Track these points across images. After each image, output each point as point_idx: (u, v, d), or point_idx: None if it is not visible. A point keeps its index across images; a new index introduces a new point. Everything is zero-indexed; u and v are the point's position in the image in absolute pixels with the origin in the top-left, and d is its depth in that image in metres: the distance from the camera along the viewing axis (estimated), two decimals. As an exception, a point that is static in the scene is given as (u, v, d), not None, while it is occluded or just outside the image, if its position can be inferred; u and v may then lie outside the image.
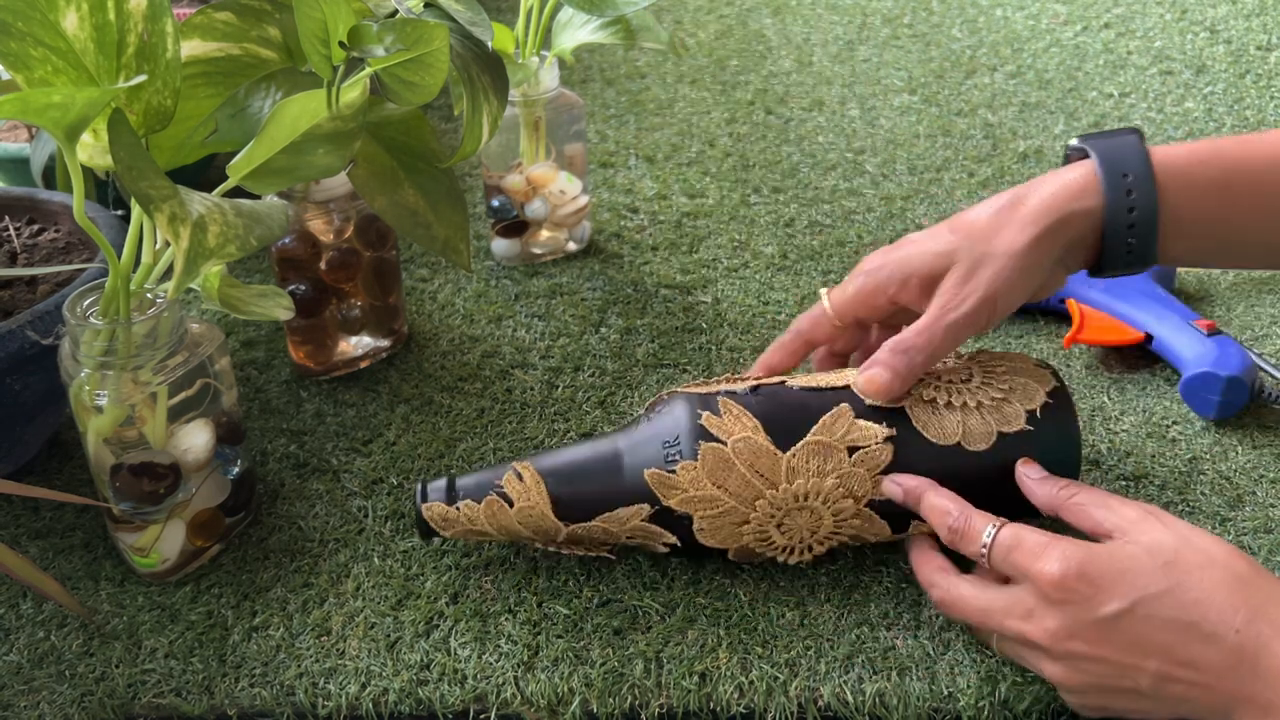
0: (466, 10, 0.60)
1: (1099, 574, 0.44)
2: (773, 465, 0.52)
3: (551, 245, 0.84)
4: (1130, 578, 0.44)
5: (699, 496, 0.52)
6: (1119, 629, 0.43)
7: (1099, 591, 0.44)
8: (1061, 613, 0.44)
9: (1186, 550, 0.44)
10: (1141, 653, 0.43)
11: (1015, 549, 0.47)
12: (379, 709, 0.50)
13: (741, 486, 0.52)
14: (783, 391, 0.55)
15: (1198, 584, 0.43)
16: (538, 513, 0.53)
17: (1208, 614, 0.42)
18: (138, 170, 0.44)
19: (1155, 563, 0.44)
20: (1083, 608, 0.44)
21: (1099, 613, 0.43)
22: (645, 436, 0.54)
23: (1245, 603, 0.42)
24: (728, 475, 0.52)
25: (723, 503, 0.52)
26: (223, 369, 0.55)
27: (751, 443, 0.52)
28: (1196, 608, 0.43)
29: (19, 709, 0.50)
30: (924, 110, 1.09)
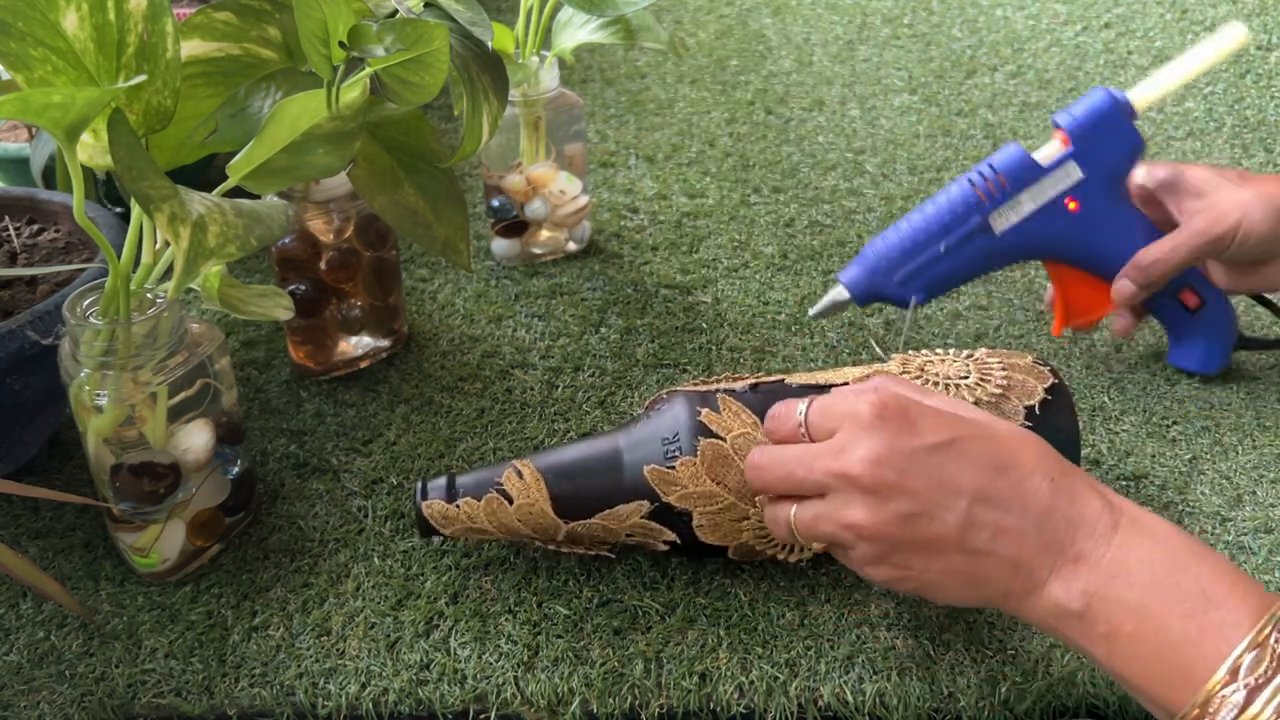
0: (466, 10, 0.60)
1: (920, 411, 0.44)
2: None
3: (551, 245, 0.84)
4: (950, 419, 0.44)
5: (698, 493, 0.52)
6: (933, 461, 0.43)
7: (918, 425, 0.43)
8: (877, 439, 0.43)
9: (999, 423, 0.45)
10: (954, 490, 0.42)
11: (831, 401, 0.46)
12: (379, 709, 0.50)
13: (741, 482, 0.52)
14: (781, 389, 0.55)
15: (1011, 438, 0.44)
16: (537, 510, 0.53)
17: (1024, 461, 0.43)
18: (138, 170, 0.44)
19: (974, 415, 0.45)
20: (900, 436, 0.43)
21: (915, 443, 0.43)
22: (645, 434, 0.54)
23: (1057, 463, 0.43)
24: (727, 471, 0.52)
25: (722, 499, 0.52)
26: (223, 369, 0.55)
27: (751, 439, 0.52)
28: (1013, 455, 0.43)
29: (19, 709, 0.50)
30: (924, 110, 1.09)
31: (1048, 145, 0.64)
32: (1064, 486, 0.42)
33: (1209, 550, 0.41)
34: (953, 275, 0.65)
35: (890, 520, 0.43)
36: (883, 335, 0.75)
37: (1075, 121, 0.63)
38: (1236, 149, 0.98)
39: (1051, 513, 0.42)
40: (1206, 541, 0.57)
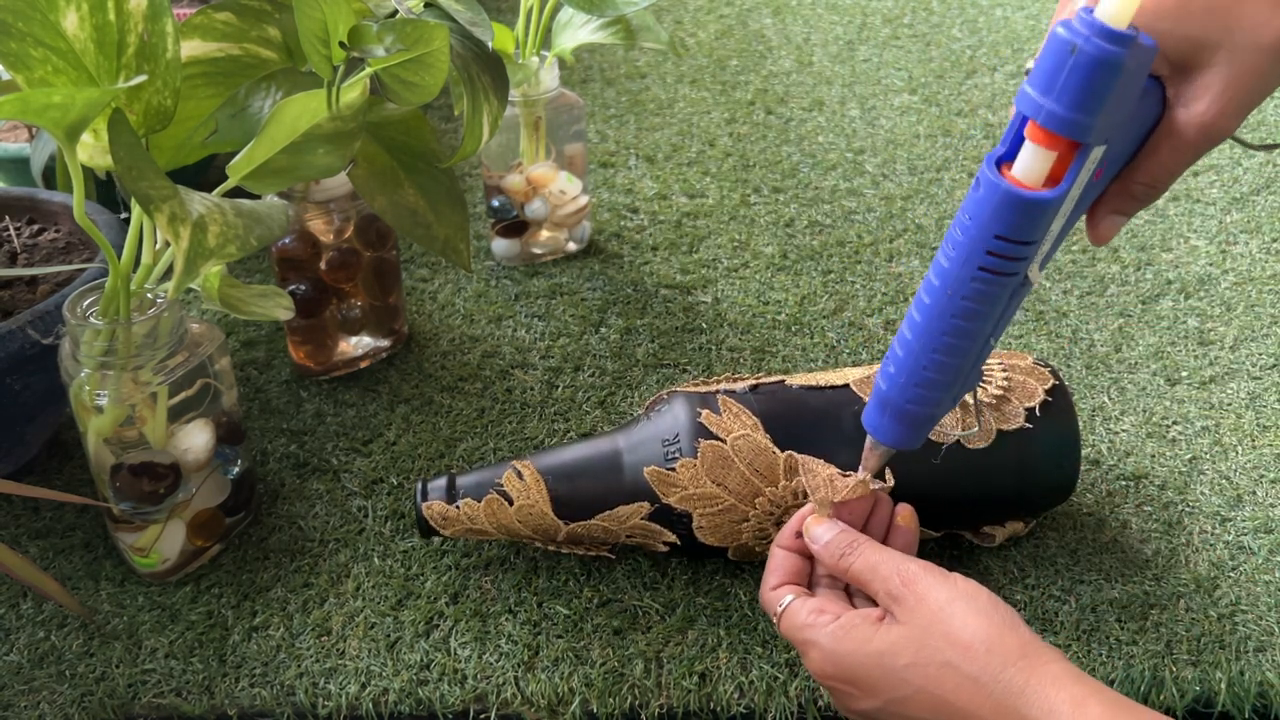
0: (466, 10, 0.60)
1: (850, 675, 0.44)
2: (771, 464, 0.52)
3: (551, 245, 0.84)
4: (876, 681, 0.44)
5: (699, 494, 0.52)
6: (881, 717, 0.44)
7: (854, 689, 0.44)
8: (832, 693, 0.46)
9: (929, 646, 0.43)
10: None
11: (791, 635, 0.47)
12: (379, 709, 0.50)
13: (741, 484, 0.52)
14: (781, 390, 0.55)
15: (936, 686, 0.42)
16: (537, 511, 0.53)
17: (952, 715, 0.42)
18: (138, 170, 0.44)
19: (897, 664, 0.43)
20: (844, 696, 0.45)
21: (859, 706, 0.44)
22: (645, 435, 0.54)
23: (985, 703, 0.41)
24: (727, 473, 0.52)
25: (722, 500, 0.52)
26: (223, 369, 0.55)
27: (751, 440, 0.52)
28: (941, 710, 0.42)
29: (19, 709, 0.50)
30: (924, 110, 1.09)
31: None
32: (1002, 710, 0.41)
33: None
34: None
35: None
36: (883, 334, 0.75)
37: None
38: (1236, 148, 0.98)
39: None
40: (1206, 542, 0.57)
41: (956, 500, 0.54)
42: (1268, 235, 0.85)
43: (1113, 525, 0.59)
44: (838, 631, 0.45)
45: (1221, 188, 0.92)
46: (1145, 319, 0.76)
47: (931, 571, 0.45)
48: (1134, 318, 0.76)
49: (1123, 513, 0.60)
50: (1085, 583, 0.55)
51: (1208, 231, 0.86)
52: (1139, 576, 0.56)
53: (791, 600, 0.47)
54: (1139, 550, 0.57)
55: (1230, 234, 0.86)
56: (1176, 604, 0.54)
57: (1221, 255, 0.83)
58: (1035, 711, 0.40)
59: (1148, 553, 0.57)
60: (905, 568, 0.45)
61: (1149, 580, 0.55)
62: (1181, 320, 0.75)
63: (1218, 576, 0.55)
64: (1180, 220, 0.87)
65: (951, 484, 0.53)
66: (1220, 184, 0.93)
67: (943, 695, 0.42)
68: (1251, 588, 0.55)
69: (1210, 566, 0.56)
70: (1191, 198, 0.91)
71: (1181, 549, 0.57)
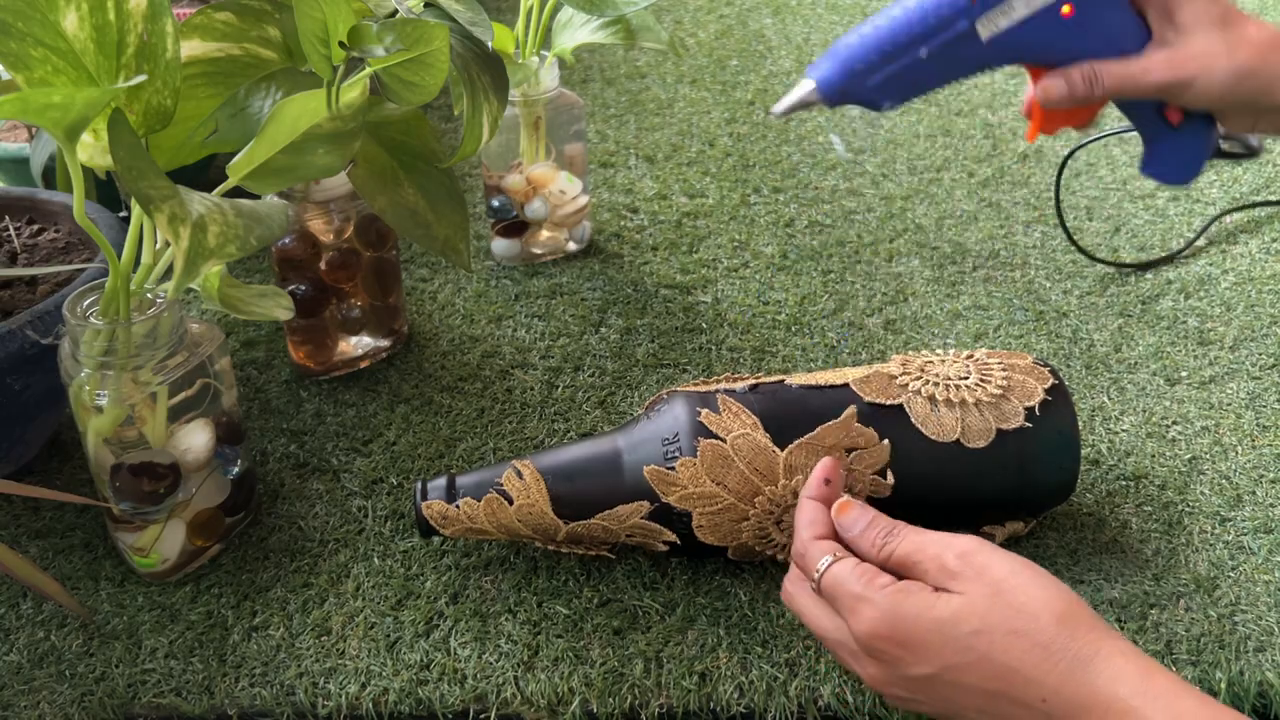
0: (466, 10, 0.60)
1: (906, 638, 0.43)
2: (771, 462, 0.52)
3: (551, 245, 0.84)
4: (935, 647, 0.43)
5: (698, 493, 0.52)
6: (931, 687, 0.43)
7: (907, 654, 0.43)
8: (877, 665, 0.44)
9: (995, 613, 0.43)
10: (957, 707, 0.43)
11: (836, 593, 0.46)
12: (379, 709, 0.50)
13: (740, 483, 0.52)
14: (781, 389, 0.55)
15: (1003, 654, 0.42)
16: (537, 510, 0.53)
17: (1014, 683, 0.42)
18: (138, 170, 0.44)
19: (961, 631, 0.43)
20: (894, 666, 0.44)
21: (909, 672, 0.43)
22: (645, 434, 0.54)
23: (1052, 670, 0.42)
24: (727, 472, 0.52)
25: (722, 499, 0.52)
26: (223, 369, 0.55)
27: (750, 439, 0.52)
28: (1003, 678, 0.42)
29: (19, 709, 0.50)
30: (924, 110, 1.09)
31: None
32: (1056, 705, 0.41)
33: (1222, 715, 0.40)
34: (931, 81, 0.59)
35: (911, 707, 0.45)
36: (883, 334, 0.75)
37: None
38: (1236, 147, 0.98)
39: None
40: (1206, 542, 0.57)
41: (956, 500, 0.54)
42: (1268, 235, 0.85)
43: (1113, 525, 0.59)
44: (898, 595, 0.44)
45: (1221, 188, 0.92)
46: (1145, 319, 0.76)
47: (985, 545, 0.45)
48: (1134, 318, 0.76)
49: (1123, 513, 0.60)
50: (1085, 583, 0.55)
51: (1208, 231, 0.86)
52: (1139, 576, 0.56)
53: (833, 561, 0.46)
54: (1139, 550, 0.57)
55: (1230, 234, 0.86)
56: (1176, 604, 0.54)
57: (1221, 255, 0.83)
58: (1103, 680, 0.40)
59: (1148, 553, 0.57)
60: (956, 543, 0.45)
61: (1149, 580, 0.55)
62: (1181, 320, 0.75)
63: (1218, 576, 0.55)
64: (1180, 220, 0.87)
65: (951, 484, 0.53)
66: (1220, 184, 0.93)
67: (1007, 662, 0.42)
68: (1251, 588, 0.55)
69: (1210, 566, 0.56)
70: (1192, 198, 0.91)
71: (1181, 549, 0.57)
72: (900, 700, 0.45)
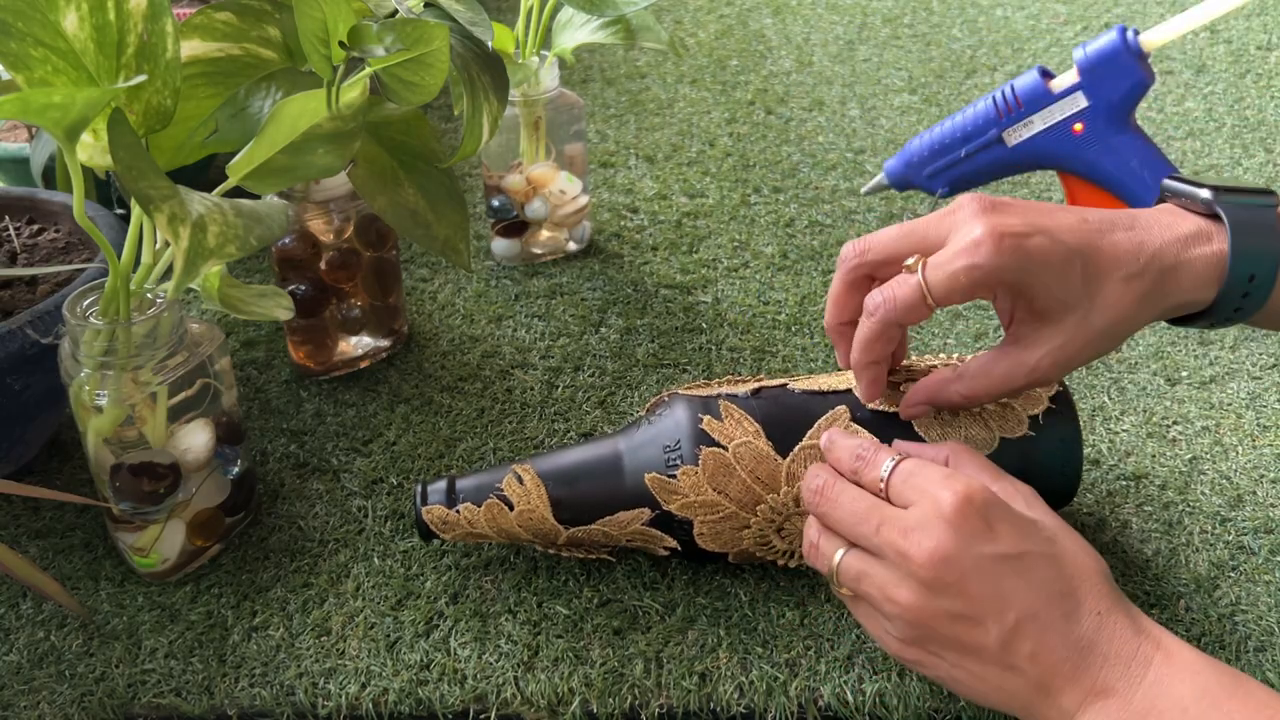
0: (466, 10, 0.60)
1: (1000, 516, 0.44)
2: (773, 471, 0.52)
3: (551, 245, 0.84)
4: (1026, 530, 0.44)
5: (700, 502, 0.52)
6: (997, 571, 0.42)
7: (994, 529, 0.43)
8: (950, 535, 0.43)
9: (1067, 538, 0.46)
10: (1007, 603, 0.42)
11: (920, 472, 0.46)
12: (379, 709, 0.50)
13: (742, 492, 0.52)
14: (784, 395, 0.55)
15: (1074, 564, 0.44)
16: (538, 516, 0.53)
17: (1079, 590, 0.43)
18: (138, 170, 0.44)
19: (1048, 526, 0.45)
20: (971, 539, 0.43)
21: (985, 549, 0.43)
22: (646, 439, 0.54)
23: (1109, 593, 0.44)
24: (728, 481, 0.52)
25: (723, 508, 0.52)
26: (223, 369, 0.55)
27: (752, 448, 0.52)
28: (1071, 583, 0.43)
29: (19, 709, 0.50)
30: (924, 110, 1.09)
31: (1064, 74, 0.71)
32: (1108, 621, 0.42)
33: (1245, 685, 0.40)
34: (971, 177, 0.74)
35: (937, 613, 0.43)
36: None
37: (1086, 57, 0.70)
38: (1236, 149, 0.98)
39: (1093, 646, 0.42)
40: (1206, 542, 0.57)
41: None
42: (1268, 235, 0.85)
43: (1113, 525, 0.59)
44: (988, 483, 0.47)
45: (1221, 188, 0.92)
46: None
47: None
48: (1134, 318, 0.76)
49: (1123, 513, 0.60)
50: (1085, 583, 0.55)
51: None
52: (1139, 576, 0.56)
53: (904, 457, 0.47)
54: (1139, 550, 0.57)
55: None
56: (1176, 604, 0.54)
57: (1221, 255, 0.83)
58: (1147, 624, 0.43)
59: (1148, 553, 0.57)
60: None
61: (1149, 580, 0.55)
62: (1181, 320, 0.75)
63: (1218, 576, 0.55)
64: (1180, 220, 0.87)
65: None
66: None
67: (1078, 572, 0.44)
68: (1251, 588, 0.55)
69: (1210, 566, 0.56)
70: (1191, 198, 0.91)
71: (1181, 549, 0.57)
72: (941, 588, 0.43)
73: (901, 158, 0.78)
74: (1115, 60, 0.69)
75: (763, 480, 0.52)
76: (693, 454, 0.52)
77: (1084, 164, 0.73)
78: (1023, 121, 0.72)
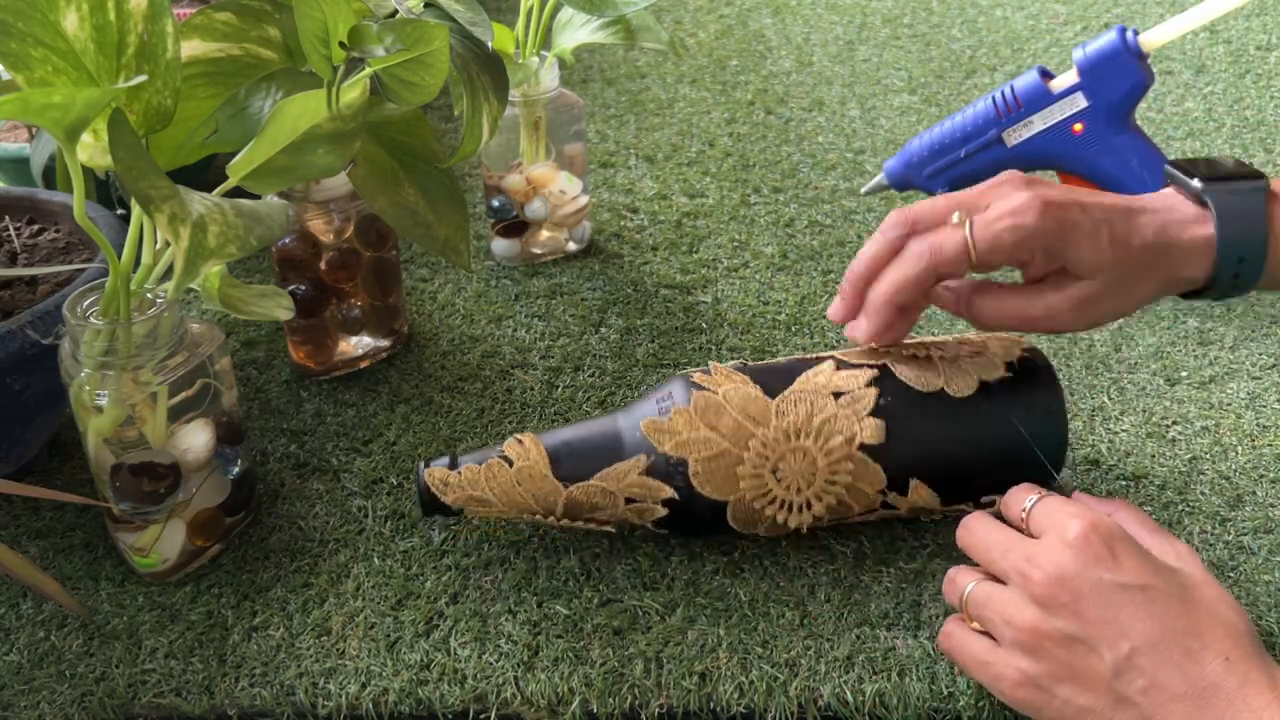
0: (466, 10, 0.60)
1: (1128, 550, 0.44)
2: (763, 409, 0.54)
3: (551, 245, 0.84)
4: (1155, 568, 0.44)
5: (692, 439, 0.53)
6: (1115, 600, 0.42)
7: (1119, 559, 0.43)
8: (1070, 559, 0.43)
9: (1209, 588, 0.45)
10: (1123, 632, 0.42)
11: (1056, 506, 0.47)
12: (379, 709, 0.50)
13: (733, 427, 0.53)
14: (769, 362, 0.58)
15: (1207, 609, 0.43)
16: (537, 473, 0.54)
17: (1206, 632, 0.42)
18: (138, 170, 0.44)
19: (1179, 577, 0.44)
20: (1091, 564, 0.43)
21: (1106, 575, 0.43)
22: (640, 401, 0.57)
23: (1247, 645, 0.42)
24: (719, 418, 0.53)
25: (716, 443, 0.53)
26: (223, 369, 0.55)
27: (741, 390, 0.54)
28: (1199, 623, 0.42)
29: (19, 709, 0.50)
30: (924, 110, 1.09)
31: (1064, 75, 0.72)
32: (1238, 668, 0.41)
33: None
34: (971, 177, 0.74)
35: (1050, 634, 0.43)
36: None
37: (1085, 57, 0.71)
38: (1236, 149, 0.98)
39: (1216, 690, 0.40)
40: (1206, 542, 0.57)
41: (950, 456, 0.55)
42: (1268, 235, 0.85)
43: (1113, 525, 0.59)
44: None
45: (1221, 188, 0.92)
46: (1145, 319, 0.76)
47: None
48: (1134, 317, 0.76)
49: (1123, 513, 0.60)
50: (1085, 583, 0.55)
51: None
52: (1139, 576, 0.56)
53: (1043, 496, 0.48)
54: (1139, 550, 0.57)
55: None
56: (1176, 604, 0.54)
57: (1221, 255, 0.83)
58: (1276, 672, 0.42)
59: (1148, 553, 0.57)
60: None
61: (1149, 580, 0.55)
62: (1181, 320, 0.75)
63: (1218, 576, 0.55)
64: (1180, 220, 0.87)
65: (941, 436, 0.54)
66: (1220, 184, 0.93)
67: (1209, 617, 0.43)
68: (1251, 588, 0.55)
69: (1210, 566, 0.56)
70: (1191, 198, 0.91)
71: (1181, 549, 0.57)
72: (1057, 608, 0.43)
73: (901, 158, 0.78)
74: (1115, 60, 0.70)
75: (752, 417, 0.53)
76: (685, 398, 0.54)
77: (1084, 164, 0.73)
78: (1022, 122, 0.73)
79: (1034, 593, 0.44)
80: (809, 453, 0.53)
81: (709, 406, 0.54)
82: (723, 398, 0.54)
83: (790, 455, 0.53)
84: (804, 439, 0.53)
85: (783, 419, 0.53)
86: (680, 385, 0.56)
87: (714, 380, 0.55)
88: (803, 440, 0.53)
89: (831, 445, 0.53)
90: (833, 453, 0.53)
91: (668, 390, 0.56)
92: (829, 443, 0.53)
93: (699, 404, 0.54)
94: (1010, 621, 0.44)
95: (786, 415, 0.53)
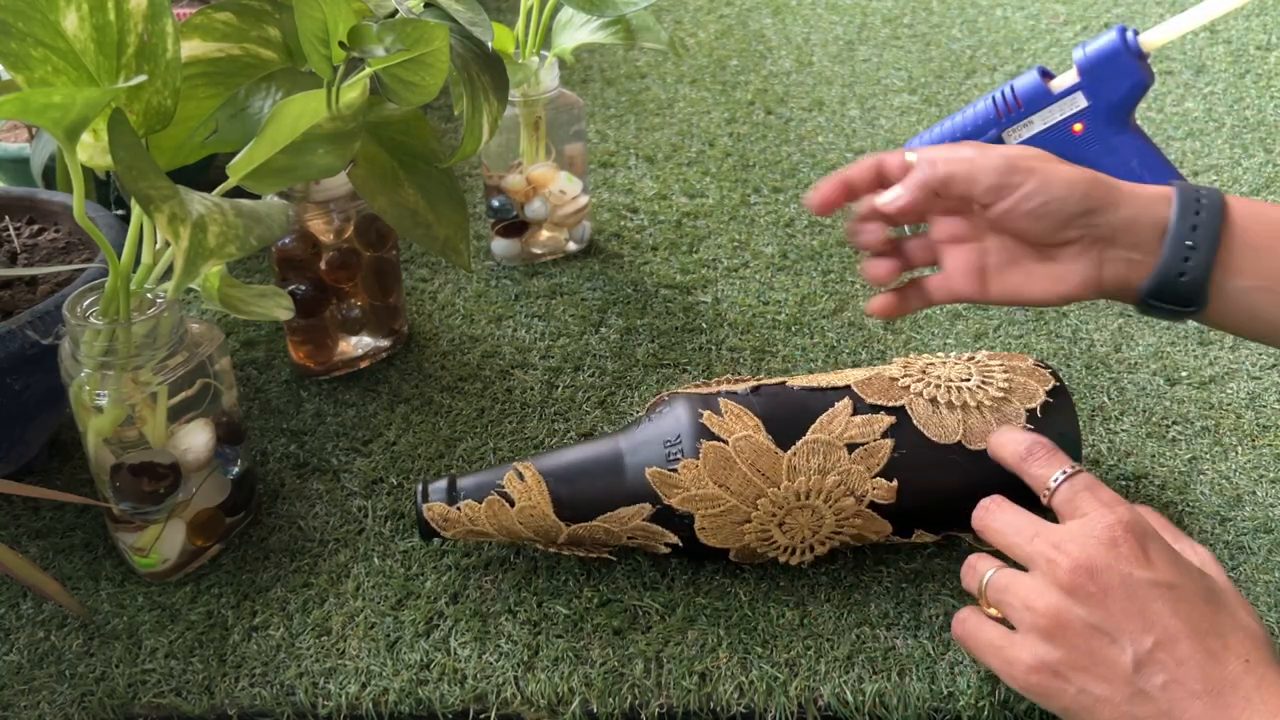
0: (466, 10, 0.60)
1: (1159, 550, 0.44)
2: (774, 464, 0.52)
3: (551, 245, 0.84)
4: (1184, 569, 0.44)
5: (701, 495, 0.52)
6: (1142, 594, 0.42)
7: (1148, 557, 0.43)
8: (1100, 552, 0.43)
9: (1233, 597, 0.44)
10: (1146, 625, 0.42)
11: (1091, 488, 0.46)
12: (379, 709, 0.50)
13: (743, 485, 0.52)
14: (783, 391, 0.55)
15: (1230, 615, 0.43)
16: (539, 513, 0.53)
17: (1228, 635, 0.42)
18: (138, 170, 0.44)
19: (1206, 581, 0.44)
20: (1122, 559, 0.43)
21: (1135, 571, 0.42)
22: (647, 436, 0.54)
23: (1266, 651, 0.42)
24: (729, 474, 0.52)
25: (724, 501, 0.52)
26: (223, 369, 0.55)
27: (753, 441, 0.52)
28: (1222, 625, 0.42)
29: (19, 709, 0.50)
30: (924, 110, 1.09)
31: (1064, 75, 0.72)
32: (1256, 670, 0.41)
33: None
34: None
35: (1072, 621, 0.43)
36: (883, 334, 0.75)
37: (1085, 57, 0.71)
38: (1236, 149, 0.98)
39: (1233, 688, 0.41)
40: (1206, 541, 0.57)
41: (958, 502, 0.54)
42: (1268, 235, 0.85)
43: (1113, 525, 0.59)
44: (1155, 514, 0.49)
45: (1221, 187, 0.92)
46: (1145, 319, 0.76)
47: None
48: (1134, 318, 0.76)
49: (1123, 513, 0.60)
50: (1085, 583, 0.55)
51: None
52: (1139, 576, 0.56)
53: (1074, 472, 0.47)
54: (1139, 550, 0.57)
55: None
56: (1176, 604, 0.54)
57: (1221, 255, 0.83)
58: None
59: (1148, 553, 0.57)
60: None
61: (1149, 580, 0.55)
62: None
63: (1218, 576, 0.56)
64: (1180, 220, 0.87)
65: (953, 486, 0.53)
66: (1220, 184, 0.93)
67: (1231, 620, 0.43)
68: (1251, 588, 0.55)
69: (1210, 566, 0.56)
70: (1191, 198, 0.91)
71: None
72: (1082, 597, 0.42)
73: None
74: (1115, 60, 0.70)
75: (763, 473, 0.52)
76: (693, 448, 0.52)
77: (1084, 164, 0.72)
78: (1022, 121, 0.73)
79: (1060, 579, 0.43)
80: (818, 510, 0.52)
81: (719, 462, 0.52)
82: (733, 450, 0.52)
83: (799, 511, 0.52)
84: (815, 499, 0.52)
85: (794, 478, 0.52)
86: (689, 424, 0.53)
87: (725, 425, 0.53)
88: (814, 500, 0.52)
89: (842, 505, 0.52)
90: (842, 511, 0.53)
91: (675, 430, 0.53)
92: (839, 503, 0.52)
93: (708, 458, 0.52)
94: (1031, 606, 0.44)
95: (799, 474, 0.52)
